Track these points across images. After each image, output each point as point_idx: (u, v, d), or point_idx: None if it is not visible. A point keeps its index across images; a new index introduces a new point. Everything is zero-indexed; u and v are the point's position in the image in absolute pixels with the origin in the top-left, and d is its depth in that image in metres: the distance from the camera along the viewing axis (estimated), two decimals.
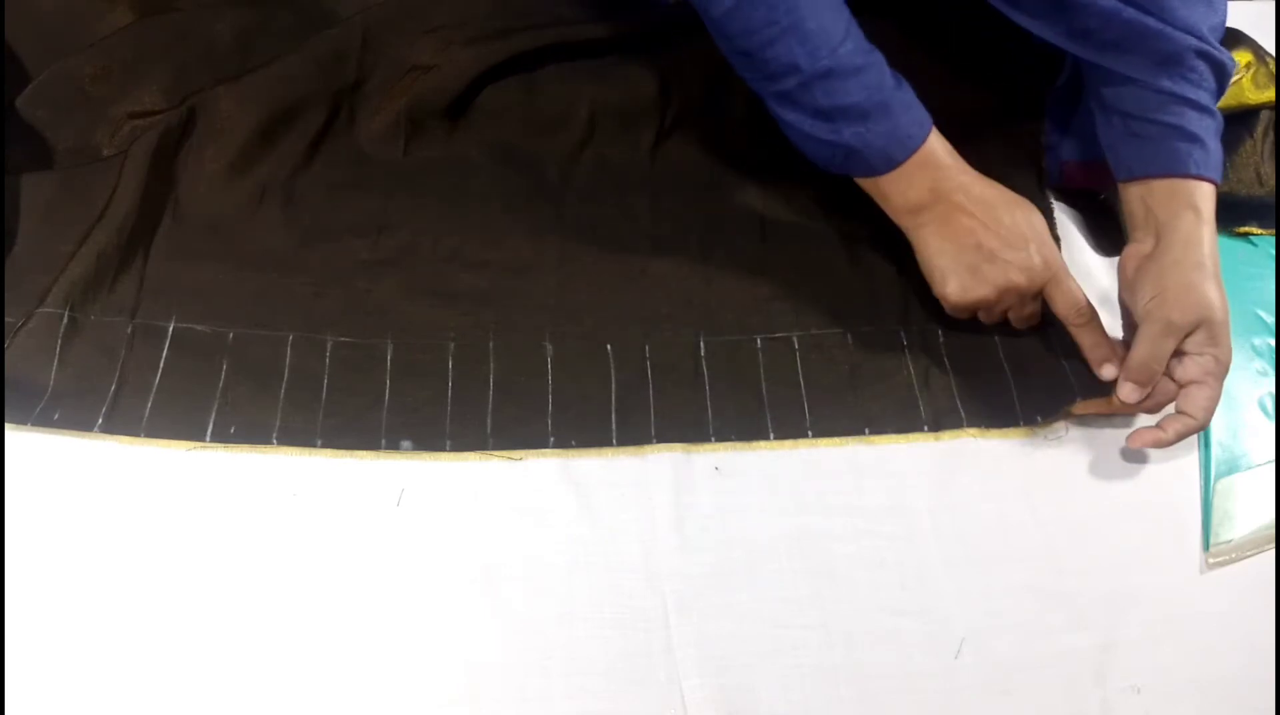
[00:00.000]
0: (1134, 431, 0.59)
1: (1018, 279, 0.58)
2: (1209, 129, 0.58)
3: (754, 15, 0.55)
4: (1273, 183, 0.68)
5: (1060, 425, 0.61)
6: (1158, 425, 0.58)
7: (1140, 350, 0.57)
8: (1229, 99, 0.67)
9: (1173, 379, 0.58)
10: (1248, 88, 0.68)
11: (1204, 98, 0.58)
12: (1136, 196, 0.60)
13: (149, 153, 0.62)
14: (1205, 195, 0.58)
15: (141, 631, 0.51)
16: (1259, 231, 0.71)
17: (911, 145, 0.58)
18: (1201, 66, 0.58)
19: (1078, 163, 0.70)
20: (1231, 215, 0.68)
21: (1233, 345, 0.57)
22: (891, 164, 0.58)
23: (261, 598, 0.52)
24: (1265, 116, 0.69)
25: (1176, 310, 0.56)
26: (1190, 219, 0.57)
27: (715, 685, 0.52)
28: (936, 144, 0.59)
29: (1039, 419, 0.60)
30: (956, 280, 0.60)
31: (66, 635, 0.50)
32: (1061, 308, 0.60)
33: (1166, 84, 0.57)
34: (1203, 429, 0.58)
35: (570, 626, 0.53)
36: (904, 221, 0.61)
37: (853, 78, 0.56)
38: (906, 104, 0.58)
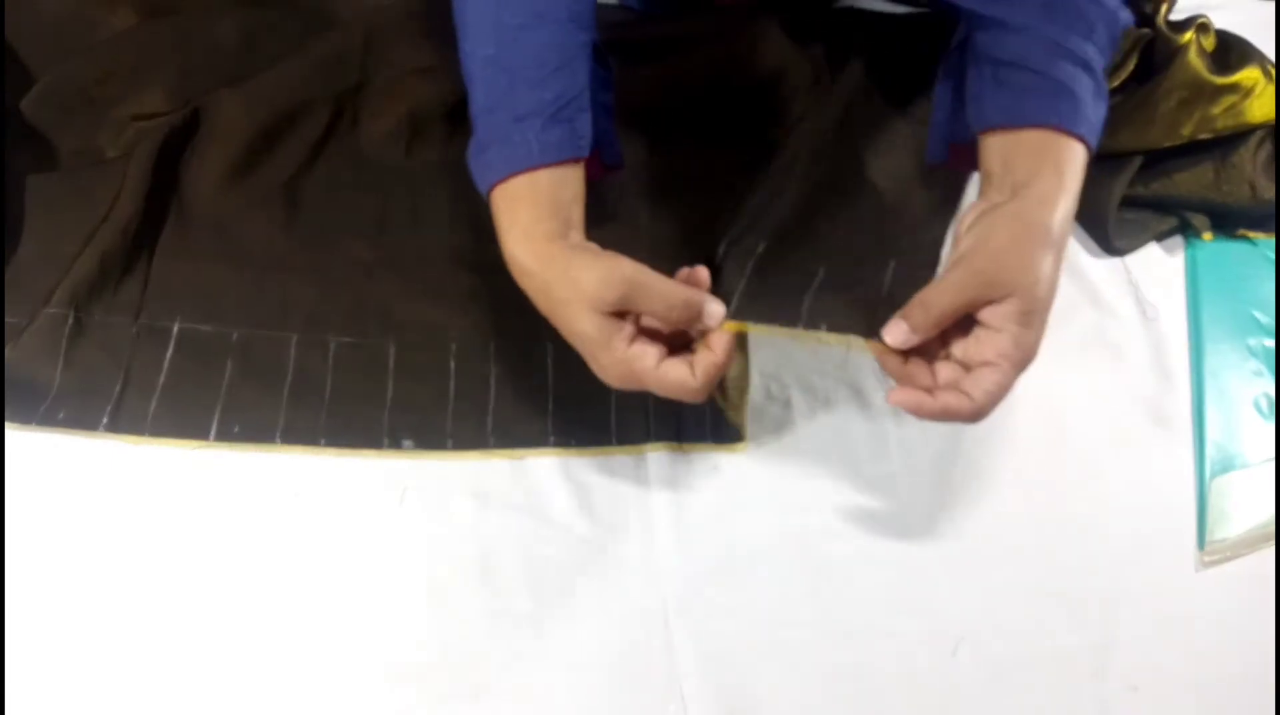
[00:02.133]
0: (898, 387, 0.48)
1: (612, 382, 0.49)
2: (1087, 87, 0.49)
3: None
4: (1265, 194, 0.66)
5: None
6: (931, 392, 0.47)
7: (929, 290, 0.47)
8: (1230, 120, 0.65)
9: (962, 359, 0.47)
10: (1255, 108, 0.65)
11: (1089, 51, 0.49)
12: (995, 151, 0.49)
13: (153, 154, 0.62)
14: (1072, 157, 0.48)
15: (145, 630, 0.51)
16: (1257, 234, 0.71)
17: (492, 177, 0.49)
18: (1092, 14, 0.49)
19: (968, 146, 0.56)
20: (1226, 223, 0.68)
21: (1229, 346, 0.54)
22: (484, 190, 0.50)
23: (265, 596, 0.52)
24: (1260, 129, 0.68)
25: (992, 262, 0.45)
26: (1049, 180, 0.47)
27: (715, 685, 0.52)
28: (538, 190, 0.48)
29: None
30: None
31: (70, 634, 0.51)
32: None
33: (1050, 31, 0.48)
34: (976, 420, 0.46)
35: (570, 626, 0.53)
36: None
37: (479, 77, 0.50)
38: (506, 129, 0.49)
